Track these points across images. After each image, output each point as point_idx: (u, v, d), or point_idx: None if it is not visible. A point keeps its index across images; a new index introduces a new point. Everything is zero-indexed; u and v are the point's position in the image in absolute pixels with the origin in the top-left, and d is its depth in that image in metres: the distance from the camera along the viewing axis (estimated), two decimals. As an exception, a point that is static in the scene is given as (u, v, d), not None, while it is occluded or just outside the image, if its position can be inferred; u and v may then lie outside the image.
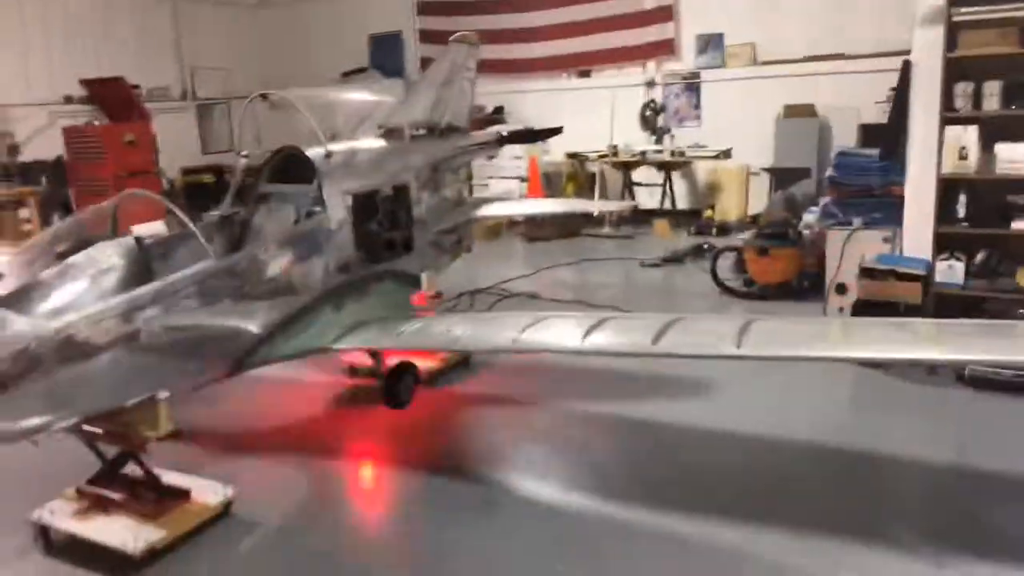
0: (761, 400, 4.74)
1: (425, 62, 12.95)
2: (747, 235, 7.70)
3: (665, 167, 10.14)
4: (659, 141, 10.37)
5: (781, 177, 9.90)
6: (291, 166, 4.51)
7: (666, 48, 10.90)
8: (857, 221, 5.71)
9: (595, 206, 9.60)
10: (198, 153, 13.23)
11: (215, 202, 4.56)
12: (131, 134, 9.69)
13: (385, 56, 13.29)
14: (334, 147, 4.63)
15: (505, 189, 11.37)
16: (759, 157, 10.12)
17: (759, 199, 10.21)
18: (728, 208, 10.39)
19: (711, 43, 10.66)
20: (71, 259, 3.24)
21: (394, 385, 4.48)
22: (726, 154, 9.84)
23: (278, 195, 4.41)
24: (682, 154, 9.93)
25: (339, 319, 4.21)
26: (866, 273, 5.18)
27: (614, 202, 10.17)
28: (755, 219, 9.98)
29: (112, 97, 9.93)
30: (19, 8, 10.68)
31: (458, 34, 6.46)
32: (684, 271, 8.20)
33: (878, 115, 8.47)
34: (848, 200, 5.89)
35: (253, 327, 3.73)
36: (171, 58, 12.90)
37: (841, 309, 5.72)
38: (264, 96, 5.03)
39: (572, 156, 10.88)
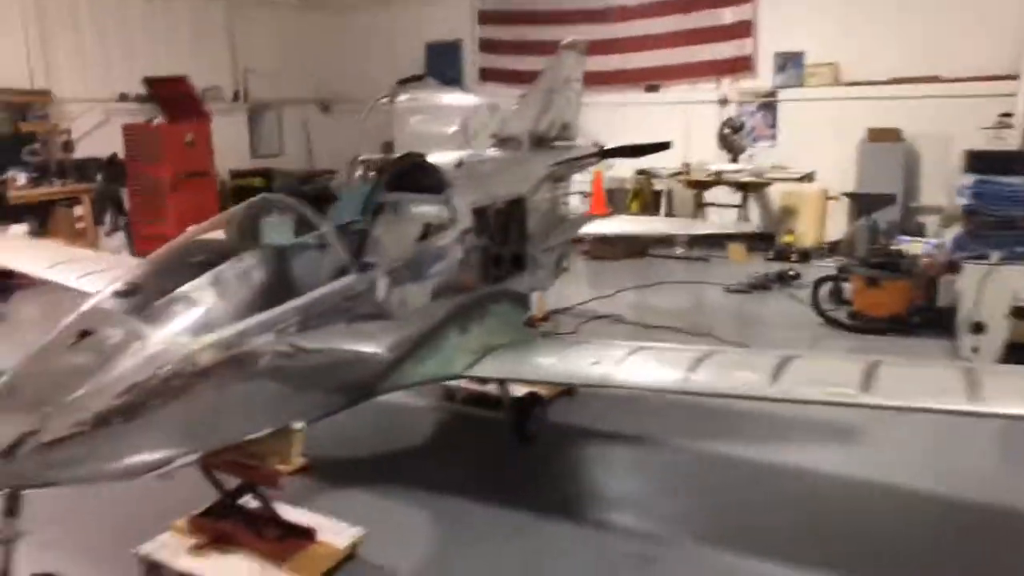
0: (896, 445, 4.32)
1: (485, 72, 12.68)
2: (846, 263, 7.28)
3: (743, 188, 9.71)
4: (735, 160, 9.96)
5: (864, 203, 9.47)
6: (407, 175, 4.14)
7: (743, 65, 10.52)
8: (995, 255, 5.28)
9: (707, 227, 9.10)
10: (247, 156, 12.97)
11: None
12: (191, 134, 9.39)
13: (442, 65, 12.98)
14: (463, 155, 4.27)
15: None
16: (838, 181, 9.69)
17: (836, 225, 9.80)
18: (803, 233, 9.96)
19: (790, 61, 10.27)
20: (213, 271, 2.87)
21: (524, 420, 4.08)
22: (809, 177, 9.42)
23: (401, 205, 4.04)
24: (761, 175, 9.50)
25: (465, 343, 3.83)
26: (1020, 313, 4.75)
27: (733, 225, 9.57)
28: (834, 246, 9.58)
29: (173, 96, 9.64)
30: (75, 6, 10.45)
31: (568, 40, 6.11)
32: (772, 298, 7.77)
33: (987, 142, 8.04)
34: (986, 232, 5.46)
35: (386, 350, 3.35)
36: (225, 59, 12.65)
37: (975, 350, 5.27)
38: (389, 99, 4.68)
39: (641, 173, 10.48)
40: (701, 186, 9.96)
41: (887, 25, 9.58)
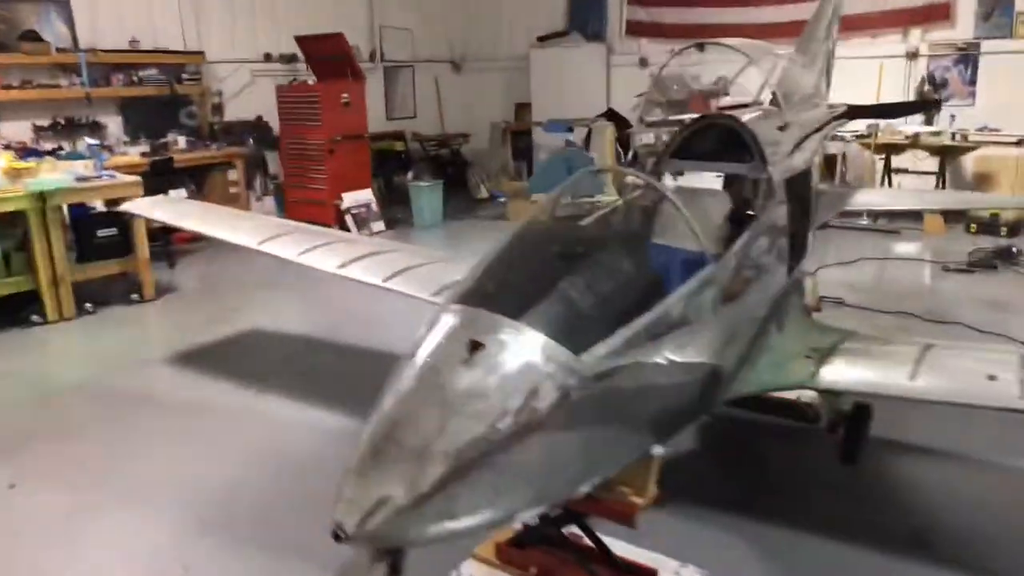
0: None
1: (631, 25, 11.88)
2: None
3: (941, 153, 8.73)
4: (930, 121, 8.96)
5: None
6: (703, 139, 3.54)
7: (940, 13, 9.42)
8: None
9: (992, 201, 8.05)
10: (383, 118, 12.61)
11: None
12: (347, 94, 9.01)
13: (585, 18, 12.24)
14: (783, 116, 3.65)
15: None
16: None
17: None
18: (1003, 203, 8.91)
19: (998, 8, 9.12)
20: (590, 266, 2.35)
21: (856, 437, 3.49)
22: None
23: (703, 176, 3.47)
24: (965, 138, 8.49)
25: (784, 343, 3.25)
26: None
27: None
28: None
29: (326, 55, 9.28)
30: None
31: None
32: (1001, 278, 6.89)
33: None
34: None
35: (732, 352, 2.80)
36: (362, 17, 12.23)
37: None
38: (700, 46, 4.08)
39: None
40: (891, 150, 9.00)
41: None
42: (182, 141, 8.94)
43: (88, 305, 6.34)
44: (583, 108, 11.59)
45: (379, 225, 9.40)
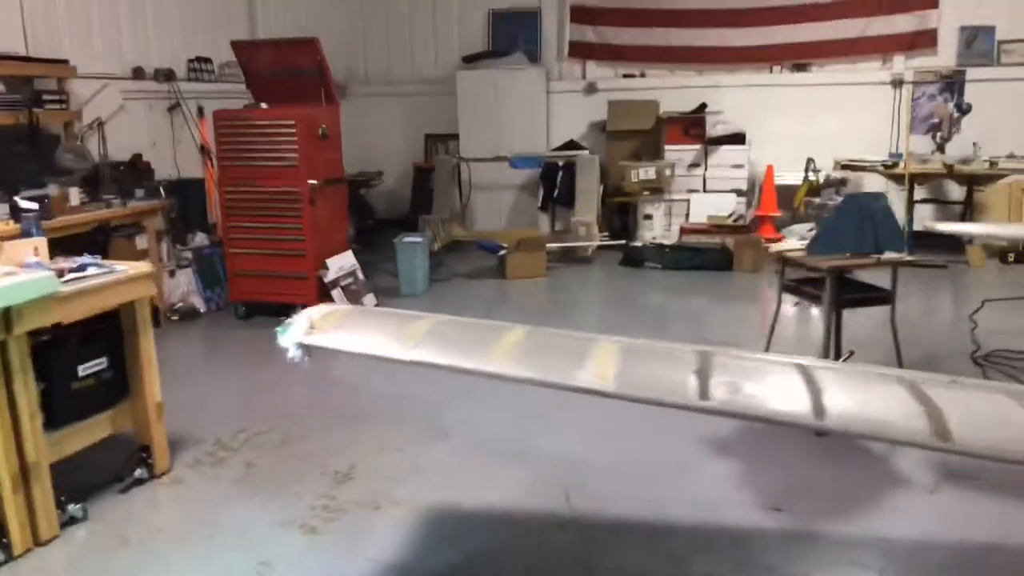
0: None
1: (577, 46, 10.46)
2: None
3: (970, 181, 8.46)
4: (941, 149, 8.66)
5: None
6: None
7: (925, 40, 9.26)
8: None
9: None
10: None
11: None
12: (324, 124, 6.48)
13: (513, 37, 10.57)
14: None
15: (719, 206, 9.22)
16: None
17: (1034, 219, 8.85)
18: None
19: (979, 36, 9.16)
20: None
21: None
22: None
23: None
24: (993, 165, 8.27)
25: None
26: None
27: None
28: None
29: (283, 69, 6.63)
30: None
31: None
32: None
33: None
34: None
35: None
36: (243, 28, 9.41)
37: None
38: None
39: (846, 165, 8.86)
40: (918, 180, 8.55)
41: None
42: (74, 194, 5.77)
43: (73, 507, 3.39)
44: (521, 139, 9.96)
45: (371, 298, 6.92)
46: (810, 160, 9.37)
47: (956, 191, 9.10)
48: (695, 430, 4.17)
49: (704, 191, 9.52)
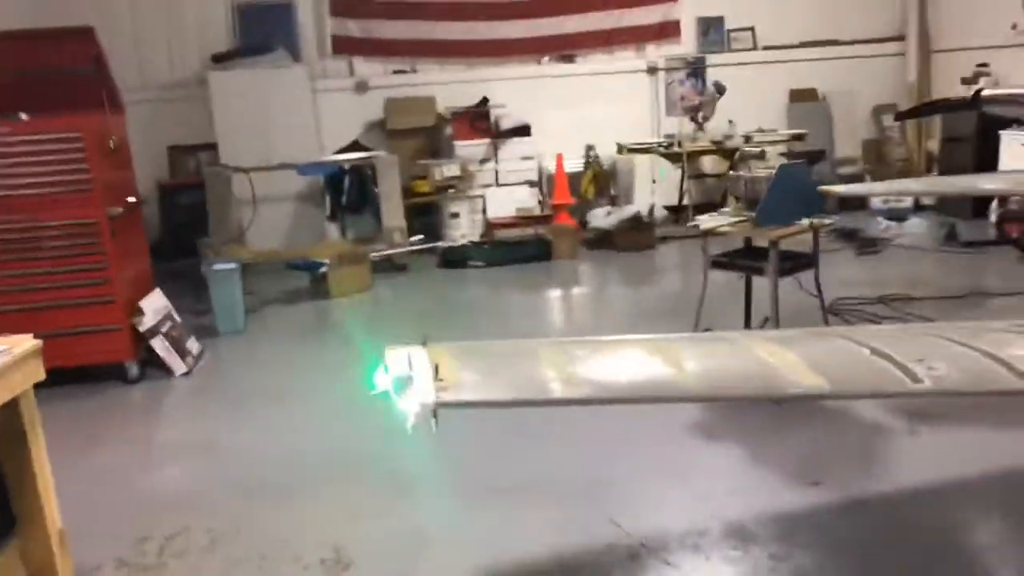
0: None
1: (340, 41, 9.70)
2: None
3: (731, 156, 9.36)
4: (700, 128, 9.51)
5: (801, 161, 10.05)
6: None
7: (672, 31, 10.10)
8: None
9: None
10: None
11: None
12: (114, 134, 5.15)
13: (266, 33, 9.49)
14: None
15: (515, 199, 9.26)
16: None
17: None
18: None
19: (712, 27, 10.23)
20: None
21: None
22: (799, 138, 9.52)
23: None
24: (748, 139, 9.28)
25: None
26: None
27: None
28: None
29: (41, 67, 5.10)
30: None
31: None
32: None
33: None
34: None
35: None
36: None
37: None
38: None
39: (632, 149, 9.27)
40: (692, 158, 9.29)
41: (793, -9, 10.21)
42: None
43: None
44: (291, 144, 9.07)
45: (194, 343, 5.69)
46: (590, 147, 9.78)
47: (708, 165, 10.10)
48: (667, 423, 3.99)
49: (497, 185, 9.44)
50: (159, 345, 5.23)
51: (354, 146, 9.25)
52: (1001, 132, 8.27)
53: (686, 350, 2.17)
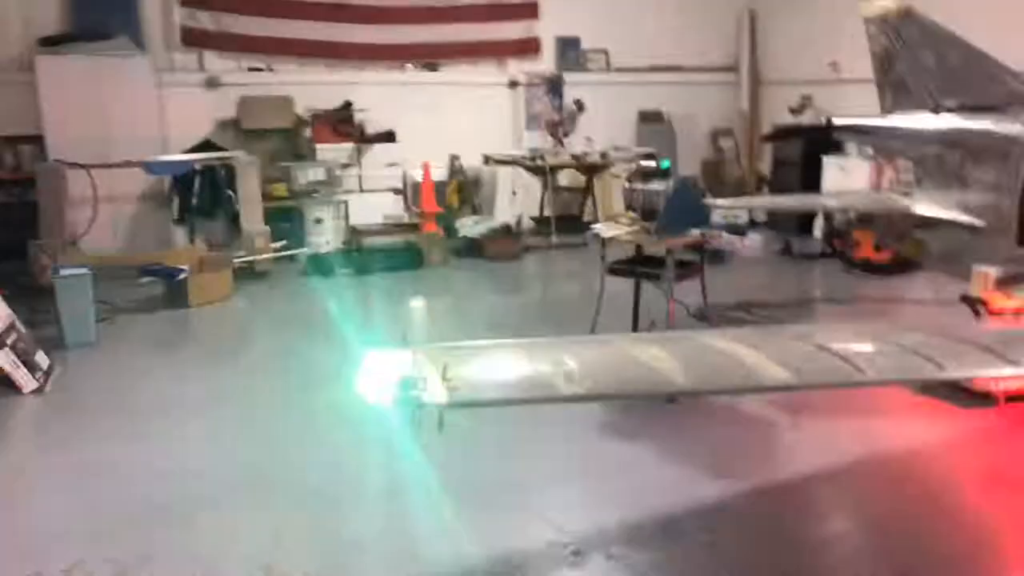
0: None
1: (191, 33, 9.09)
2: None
3: (588, 171, 9.74)
4: (560, 144, 9.83)
5: (647, 177, 10.70)
6: None
7: (532, 47, 10.37)
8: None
9: None
10: None
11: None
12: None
13: (102, 17, 8.69)
14: None
15: (380, 205, 9.14)
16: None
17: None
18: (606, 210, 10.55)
19: (569, 46, 10.63)
20: None
21: None
22: (650, 156, 10.05)
23: None
24: (605, 156, 9.73)
25: None
26: None
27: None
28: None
29: None
30: None
31: None
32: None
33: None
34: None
35: None
36: None
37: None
38: None
39: (499, 160, 9.38)
40: (552, 172, 9.57)
41: (642, 18, 10.81)
42: None
43: None
44: (132, 140, 8.41)
45: (42, 357, 5.07)
46: (454, 157, 9.83)
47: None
48: (575, 425, 4.09)
49: (361, 191, 9.25)
50: (5, 359, 4.63)
51: (206, 145, 8.67)
52: (823, 157, 9.29)
53: (662, 348, 2.27)
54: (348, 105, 9.25)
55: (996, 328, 3.56)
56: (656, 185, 4.63)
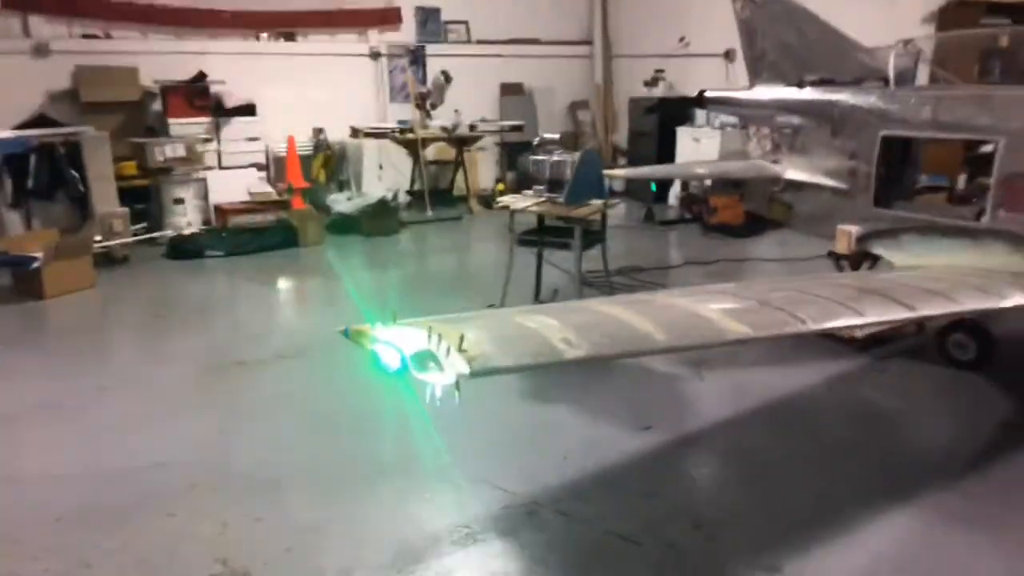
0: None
1: (12, -5, 8.11)
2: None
3: (459, 143, 9.72)
4: (428, 116, 9.74)
5: (514, 149, 10.93)
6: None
7: (392, 17, 10.16)
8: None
9: None
10: None
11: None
12: None
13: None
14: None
15: (242, 182, 8.71)
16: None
17: (490, 172, 10.98)
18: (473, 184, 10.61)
19: (430, 17, 10.52)
20: None
21: None
22: (517, 128, 10.19)
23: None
24: (474, 128, 9.77)
25: None
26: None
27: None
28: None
29: None
30: None
31: None
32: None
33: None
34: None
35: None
36: None
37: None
38: None
39: (368, 133, 9.12)
40: (423, 144, 9.47)
41: (501, -9, 10.91)
42: None
43: None
44: None
45: None
46: (319, 130, 9.53)
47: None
48: (503, 394, 4.20)
49: (221, 168, 8.74)
50: None
51: (41, 120, 7.85)
52: (677, 128, 9.87)
53: (644, 314, 2.41)
54: (202, 76, 8.66)
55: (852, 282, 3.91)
56: (561, 156, 4.76)
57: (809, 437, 3.88)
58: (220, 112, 8.63)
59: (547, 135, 5.22)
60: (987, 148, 4.32)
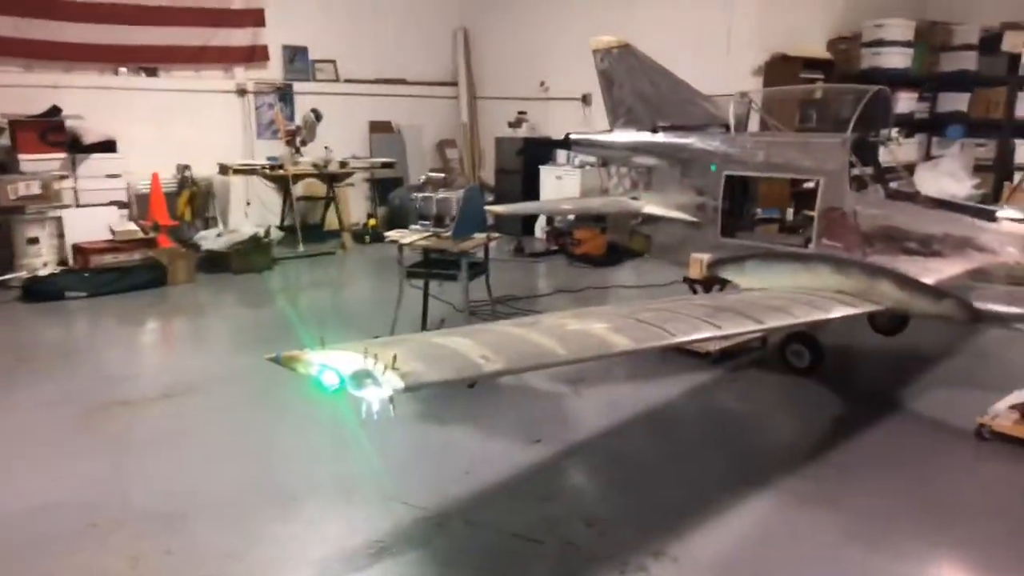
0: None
1: None
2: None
3: (330, 179, 9.79)
4: (298, 152, 9.77)
5: (383, 186, 11.18)
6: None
7: (260, 55, 10.15)
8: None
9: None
10: None
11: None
12: None
13: None
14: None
15: (101, 220, 8.41)
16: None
17: (360, 207, 11.15)
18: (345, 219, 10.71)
19: (298, 55, 10.60)
20: None
21: None
22: (388, 165, 10.39)
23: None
24: (346, 164, 9.90)
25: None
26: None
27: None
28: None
29: None
30: None
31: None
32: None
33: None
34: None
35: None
36: None
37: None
38: None
39: (237, 170, 9.01)
40: (295, 180, 9.49)
41: (369, 31, 11.15)
42: None
43: None
44: None
45: None
46: (184, 167, 9.35)
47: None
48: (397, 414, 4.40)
49: (78, 205, 8.38)
50: None
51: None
52: (540, 167, 10.48)
53: (543, 332, 2.75)
54: (56, 111, 8.32)
55: (707, 302, 4.45)
56: (446, 194, 5.08)
57: (677, 439, 4.37)
58: (77, 148, 8.30)
59: (432, 174, 5.52)
60: (810, 185, 5.08)
